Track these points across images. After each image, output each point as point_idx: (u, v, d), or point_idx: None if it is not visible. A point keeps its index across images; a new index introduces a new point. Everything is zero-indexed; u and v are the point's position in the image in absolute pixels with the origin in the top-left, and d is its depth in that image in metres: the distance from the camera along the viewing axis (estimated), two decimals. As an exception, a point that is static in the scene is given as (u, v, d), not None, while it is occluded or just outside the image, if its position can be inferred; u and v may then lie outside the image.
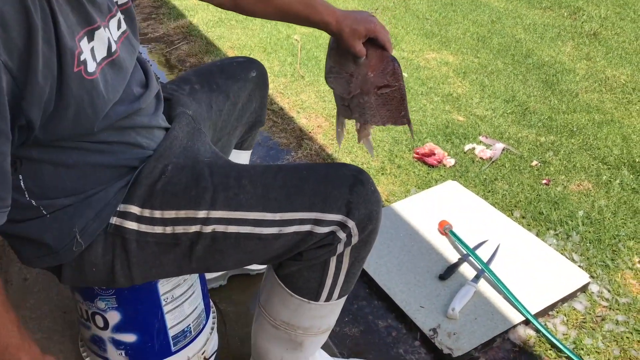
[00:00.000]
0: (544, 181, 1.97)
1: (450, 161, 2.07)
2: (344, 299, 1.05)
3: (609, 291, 1.52)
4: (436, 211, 1.77)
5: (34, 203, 0.85)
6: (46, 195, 0.86)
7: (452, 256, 1.60)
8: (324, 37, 3.21)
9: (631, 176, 2.00)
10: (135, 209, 0.92)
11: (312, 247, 0.94)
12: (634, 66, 2.88)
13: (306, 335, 1.08)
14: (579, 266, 1.59)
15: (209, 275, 1.48)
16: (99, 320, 1.13)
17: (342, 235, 0.93)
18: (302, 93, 2.63)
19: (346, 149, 2.21)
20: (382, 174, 2.05)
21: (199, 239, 0.92)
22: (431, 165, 2.06)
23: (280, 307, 1.05)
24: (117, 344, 1.15)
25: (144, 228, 0.92)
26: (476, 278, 1.51)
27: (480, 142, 2.20)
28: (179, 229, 0.92)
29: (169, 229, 0.92)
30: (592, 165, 2.07)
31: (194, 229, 0.92)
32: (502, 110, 2.45)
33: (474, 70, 2.84)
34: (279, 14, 1.12)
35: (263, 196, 0.92)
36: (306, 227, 0.91)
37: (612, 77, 2.77)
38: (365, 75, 1.14)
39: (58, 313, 1.44)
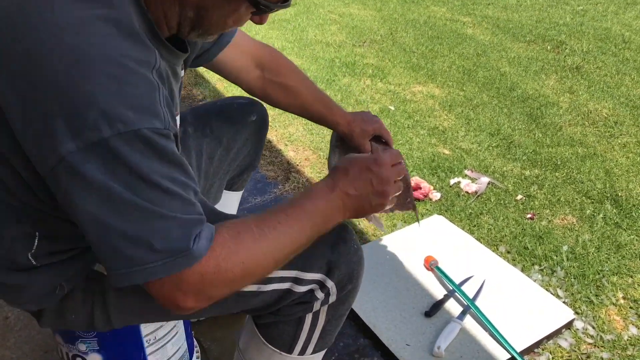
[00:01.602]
0: (529, 215, 1.99)
1: (436, 195, 2.09)
2: (319, 354, 1.05)
3: (593, 328, 1.52)
4: (422, 246, 1.78)
5: (31, 260, 0.84)
6: (51, 249, 0.85)
7: (438, 292, 1.60)
8: (312, 71, 3.25)
9: (614, 210, 2.02)
10: None
11: (289, 303, 0.94)
12: (616, 100, 2.94)
13: None
14: (564, 302, 1.59)
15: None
16: (80, 363, 1.11)
17: (320, 294, 0.93)
18: (290, 126, 2.66)
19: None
20: (369, 207, 2.06)
21: None
22: (417, 200, 2.07)
23: (255, 353, 1.05)
24: (98, 387, 1.14)
25: None
26: (462, 314, 1.51)
27: (466, 175, 2.22)
28: None
29: None
30: (576, 199, 2.10)
31: None
32: (487, 144, 2.49)
33: (460, 104, 2.88)
34: (300, 109, 1.24)
35: None
36: (285, 285, 0.92)
37: (594, 111, 2.82)
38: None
39: (39, 353, 1.41)
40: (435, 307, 1.54)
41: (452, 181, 2.18)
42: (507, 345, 1.41)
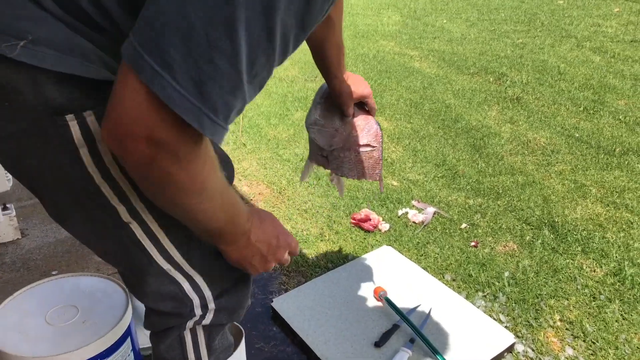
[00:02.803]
0: (473, 243, 2.09)
1: (385, 226, 2.17)
2: None
3: (533, 350, 1.61)
4: (372, 277, 1.85)
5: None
6: None
7: (387, 322, 1.66)
8: (265, 106, 3.33)
9: (551, 236, 2.14)
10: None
11: (170, 306, 0.93)
12: (552, 129, 3.12)
13: None
14: (506, 327, 1.68)
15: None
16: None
17: (197, 311, 0.95)
18: (244, 161, 2.71)
19: (286, 216, 2.27)
20: (321, 240, 2.12)
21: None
22: (367, 231, 2.15)
23: None
24: None
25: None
26: (410, 343, 1.57)
27: (413, 206, 2.32)
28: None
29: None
30: (517, 226, 2.22)
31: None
32: (434, 175, 2.60)
33: (407, 136, 3.00)
34: (320, 44, 1.18)
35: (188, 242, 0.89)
36: (185, 284, 0.91)
37: (533, 140, 2.99)
38: (349, 133, 1.27)
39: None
40: (385, 337, 1.60)
41: (400, 212, 2.27)
42: (452, 371, 1.48)
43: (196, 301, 0.94)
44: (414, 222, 2.21)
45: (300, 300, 1.75)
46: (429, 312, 1.70)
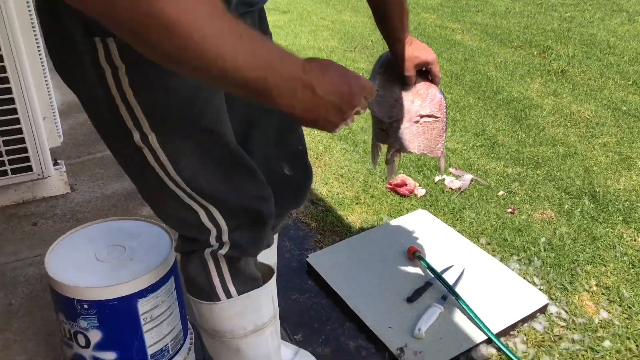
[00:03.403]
0: (509, 210, 2.08)
1: (421, 191, 2.18)
2: (251, 293, 1.07)
3: (566, 312, 1.61)
4: (406, 238, 1.87)
5: None
6: None
7: (420, 280, 1.69)
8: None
9: (591, 205, 2.11)
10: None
11: (188, 232, 0.99)
12: (598, 102, 3.04)
13: (237, 339, 1.11)
14: (539, 289, 1.68)
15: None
16: (81, 339, 1.20)
17: (213, 242, 0.98)
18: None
19: (322, 180, 2.31)
20: (357, 203, 2.15)
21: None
22: (403, 195, 2.16)
23: (200, 316, 1.12)
24: (98, 362, 1.22)
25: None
26: (442, 300, 1.59)
27: (450, 173, 2.32)
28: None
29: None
30: (556, 195, 2.19)
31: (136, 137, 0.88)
32: (472, 144, 2.58)
33: (447, 106, 2.98)
34: (380, 3, 1.12)
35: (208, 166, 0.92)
36: (202, 213, 0.95)
37: (577, 113, 2.92)
38: (410, 103, 1.18)
39: (42, 336, 1.49)
40: (417, 294, 1.62)
41: (436, 178, 2.27)
42: (484, 328, 1.50)
43: (213, 232, 0.98)
44: (450, 189, 2.22)
45: (335, 257, 1.80)
46: (462, 272, 1.71)
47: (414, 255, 1.76)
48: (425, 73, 1.20)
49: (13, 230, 1.94)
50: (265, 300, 1.11)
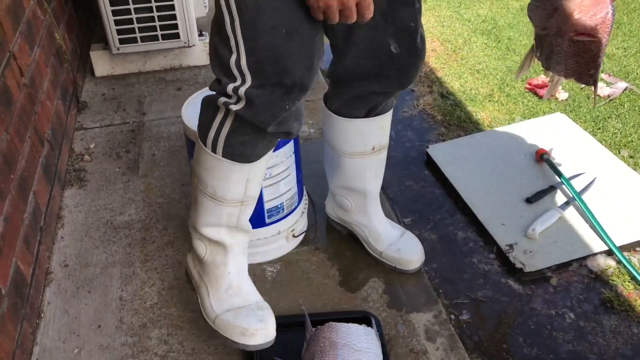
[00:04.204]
0: (665, 124, 1.86)
1: (563, 95, 2.01)
2: (230, 163, 1.05)
3: None
4: (537, 139, 1.76)
5: None
6: None
7: (544, 183, 1.60)
8: None
9: None
10: None
11: (216, 72, 0.99)
12: None
13: (199, 191, 1.12)
14: (682, 210, 1.52)
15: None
16: (208, 185, 1.32)
17: (230, 93, 0.96)
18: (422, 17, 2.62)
19: (456, 74, 2.21)
20: (489, 100, 2.04)
21: None
22: (541, 97, 2.01)
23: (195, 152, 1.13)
24: (221, 208, 1.35)
25: None
26: (564, 205, 1.51)
27: (601, 79, 2.09)
28: None
29: None
30: None
31: None
32: (635, 50, 2.28)
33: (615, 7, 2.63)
34: None
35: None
36: (233, 56, 0.94)
37: None
38: (570, 14, 0.99)
39: (177, 185, 1.67)
40: (538, 196, 1.55)
41: (584, 83, 2.07)
42: (606, 238, 1.40)
43: (236, 80, 0.96)
44: (598, 95, 2.01)
45: (456, 150, 1.75)
46: (592, 180, 1.59)
47: (542, 157, 1.66)
48: None
49: (160, 92, 2.13)
50: (236, 179, 1.08)
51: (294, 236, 1.44)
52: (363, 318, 1.22)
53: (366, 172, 1.33)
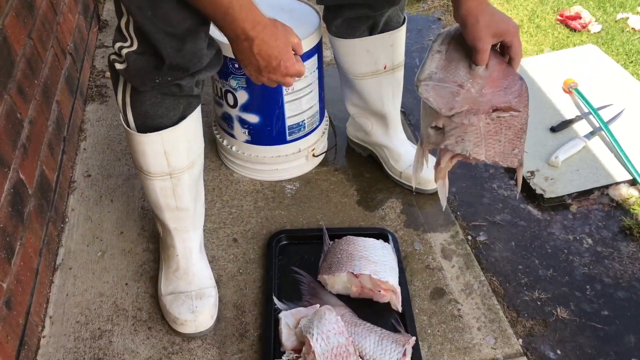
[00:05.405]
0: (701, 60, 1.79)
1: (596, 27, 1.93)
2: (141, 135, 1.01)
3: None
4: (566, 70, 1.71)
5: None
6: None
7: (570, 113, 1.57)
8: None
9: None
10: None
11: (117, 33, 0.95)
12: None
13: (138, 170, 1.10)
14: None
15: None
16: (230, 98, 1.31)
17: (117, 50, 0.93)
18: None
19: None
20: (518, 31, 1.98)
21: None
22: (574, 29, 1.94)
23: None
24: (243, 123, 1.34)
25: None
26: (589, 134, 1.48)
27: (638, 12, 2.01)
28: None
29: None
30: None
31: None
32: (675, -17, 2.18)
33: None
34: None
35: None
36: (124, 19, 0.91)
37: None
38: (480, 90, 0.89)
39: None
40: (563, 125, 1.52)
41: (619, 16, 1.99)
42: (631, 167, 1.38)
43: (125, 42, 0.92)
44: (632, 29, 1.94)
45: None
46: (621, 112, 1.55)
47: (570, 87, 1.62)
48: (501, 50, 0.91)
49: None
50: (150, 152, 1.04)
51: (314, 155, 1.44)
52: (380, 234, 1.23)
53: (382, 92, 1.32)
